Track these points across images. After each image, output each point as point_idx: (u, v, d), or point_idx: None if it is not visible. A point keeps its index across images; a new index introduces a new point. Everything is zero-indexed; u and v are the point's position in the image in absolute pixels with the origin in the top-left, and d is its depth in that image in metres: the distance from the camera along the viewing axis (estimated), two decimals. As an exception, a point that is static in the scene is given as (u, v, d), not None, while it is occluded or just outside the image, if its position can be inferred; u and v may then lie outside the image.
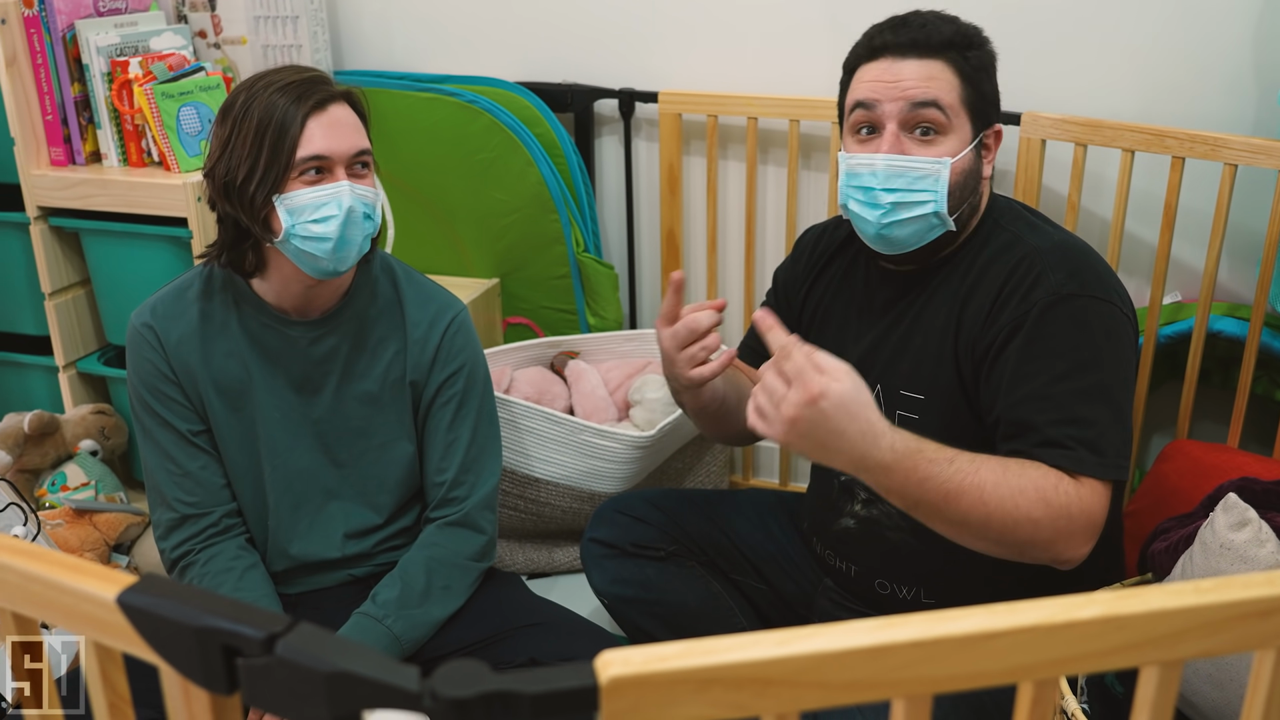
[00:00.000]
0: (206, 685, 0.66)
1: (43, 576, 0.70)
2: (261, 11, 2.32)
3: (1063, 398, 1.31)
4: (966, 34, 1.43)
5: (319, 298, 1.57)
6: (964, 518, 1.24)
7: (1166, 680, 0.67)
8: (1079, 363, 1.32)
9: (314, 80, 1.47)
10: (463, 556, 1.61)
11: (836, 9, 2.19)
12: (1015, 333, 1.36)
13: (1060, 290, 1.35)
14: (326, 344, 1.58)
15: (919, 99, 1.38)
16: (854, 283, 1.58)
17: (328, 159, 1.45)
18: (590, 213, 2.42)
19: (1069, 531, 1.26)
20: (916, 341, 1.47)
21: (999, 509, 1.23)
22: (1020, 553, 1.27)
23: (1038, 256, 1.39)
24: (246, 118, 1.44)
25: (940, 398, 1.45)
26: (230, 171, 1.45)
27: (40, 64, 2.11)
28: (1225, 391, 2.13)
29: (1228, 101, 2.01)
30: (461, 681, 0.60)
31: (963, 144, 1.40)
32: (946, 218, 1.40)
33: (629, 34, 2.35)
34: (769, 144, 2.32)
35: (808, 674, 0.62)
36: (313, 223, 1.45)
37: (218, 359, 1.56)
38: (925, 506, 1.24)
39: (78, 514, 2.11)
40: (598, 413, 2.23)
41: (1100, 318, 1.35)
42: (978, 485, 1.22)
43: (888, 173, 1.39)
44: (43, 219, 2.20)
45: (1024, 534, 1.24)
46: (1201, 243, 2.00)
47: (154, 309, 1.58)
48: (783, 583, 1.70)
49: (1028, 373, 1.34)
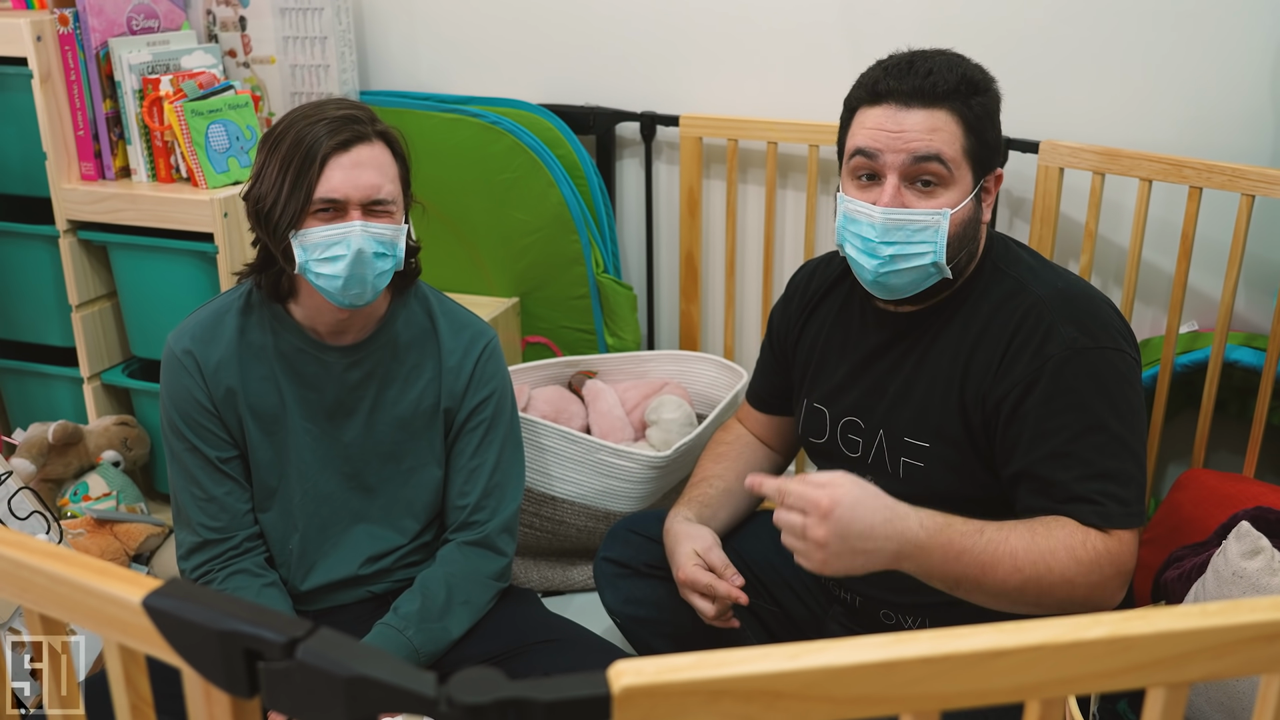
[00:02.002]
0: (228, 688, 0.68)
1: (70, 579, 0.72)
2: (291, 32, 2.35)
3: (1087, 454, 1.32)
4: (972, 80, 1.39)
5: (353, 324, 1.58)
6: (1001, 587, 1.27)
7: (1173, 702, 0.68)
8: (1099, 417, 1.33)
9: (348, 120, 1.47)
10: (482, 575, 1.63)
11: (858, 35, 2.21)
12: (1031, 388, 1.36)
13: (1075, 344, 1.35)
14: (361, 370, 1.59)
15: (921, 153, 1.35)
16: (849, 321, 1.57)
17: (341, 201, 1.46)
18: (610, 234, 2.44)
19: (1102, 583, 1.28)
20: (920, 388, 1.46)
21: (1033, 574, 1.26)
22: (1062, 609, 1.29)
23: (1045, 308, 1.39)
24: (279, 147, 1.46)
25: (946, 446, 1.44)
26: (261, 198, 1.48)
27: (74, 80, 2.15)
28: (1241, 421, 2.12)
29: (1246, 132, 2.02)
30: (477, 688, 0.62)
31: (963, 194, 1.39)
32: (944, 267, 1.39)
33: (651, 58, 2.38)
34: (789, 168, 2.34)
35: (818, 688, 0.63)
36: (323, 260, 1.46)
37: (254, 382, 1.58)
38: (966, 582, 1.27)
39: (99, 524, 2.14)
40: (614, 432, 2.24)
41: (1113, 368, 1.35)
42: (1010, 554, 1.26)
43: (886, 226, 1.37)
44: (72, 232, 2.24)
45: (1061, 594, 1.27)
46: (1218, 272, 2.01)
47: (193, 334, 1.58)
48: (793, 605, 1.70)
49: (1049, 429, 1.34)
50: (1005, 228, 2.24)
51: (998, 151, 1.44)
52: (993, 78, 1.43)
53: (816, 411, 1.58)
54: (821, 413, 1.58)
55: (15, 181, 2.28)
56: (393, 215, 1.51)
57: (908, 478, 1.46)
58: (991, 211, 1.46)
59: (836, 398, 1.56)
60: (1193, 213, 1.93)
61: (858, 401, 1.53)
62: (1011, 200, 2.23)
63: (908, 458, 1.47)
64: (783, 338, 1.67)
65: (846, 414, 1.54)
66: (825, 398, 1.57)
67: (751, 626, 1.72)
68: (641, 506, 2.12)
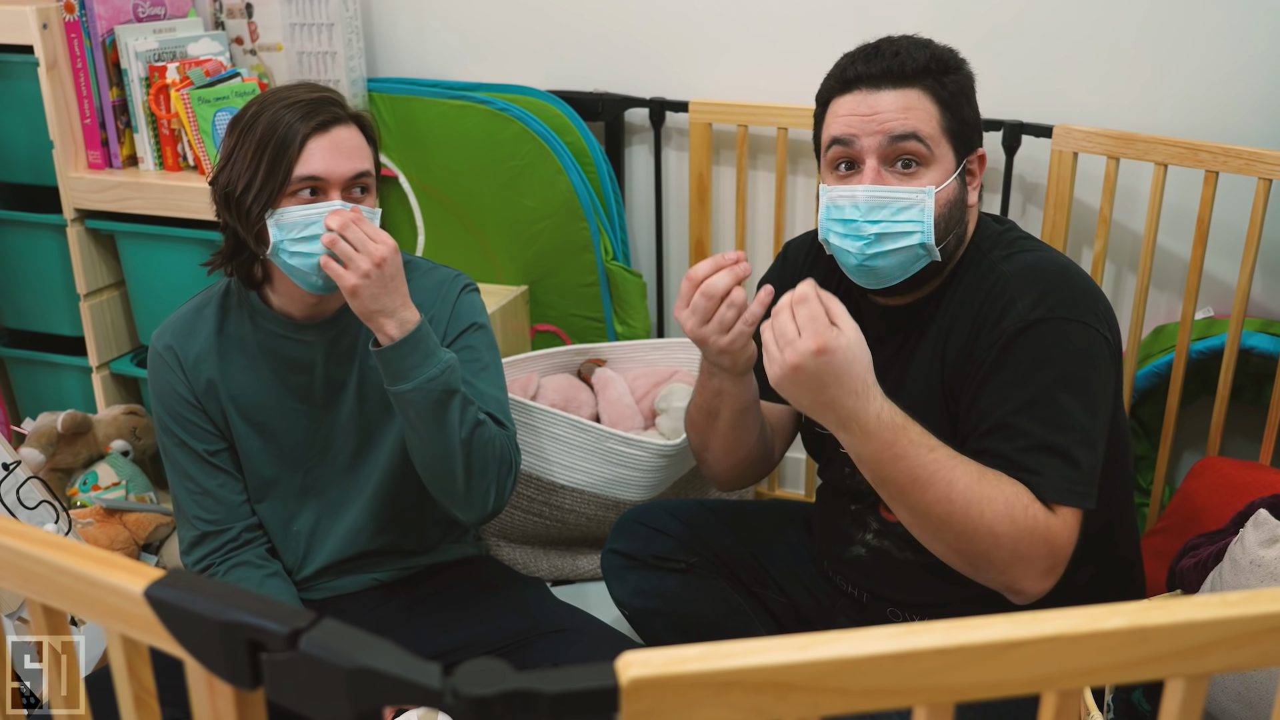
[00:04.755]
0: (231, 679, 0.67)
1: (72, 569, 0.71)
2: (297, 19, 2.34)
3: (1029, 425, 1.27)
4: (942, 59, 1.36)
5: (328, 301, 1.57)
6: (926, 509, 1.23)
7: (1192, 694, 0.66)
8: (1044, 389, 1.28)
9: (323, 101, 1.48)
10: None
11: (867, 19, 2.19)
12: (984, 364, 1.33)
13: (1028, 317, 1.31)
14: (344, 342, 1.59)
15: (897, 131, 1.33)
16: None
17: (323, 180, 1.46)
18: (619, 221, 2.43)
19: (1028, 556, 1.23)
20: (907, 386, 1.43)
21: (962, 511, 1.21)
22: (975, 567, 1.25)
23: (1006, 283, 1.35)
24: (252, 131, 1.46)
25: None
26: (231, 182, 1.47)
27: (80, 68, 2.14)
28: (1257, 408, 2.11)
29: (1263, 116, 2.00)
30: (483, 680, 0.61)
31: (946, 173, 1.36)
32: (933, 248, 1.35)
33: (660, 44, 2.36)
34: (799, 154, 2.32)
35: (829, 679, 0.62)
36: (299, 240, 1.45)
37: (235, 374, 1.58)
38: (891, 486, 1.24)
39: (108, 513, 2.14)
40: (624, 421, 2.23)
41: (1068, 339, 1.30)
42: (948, 480, 1.21)
43: (870, 203, 1.34)
44: (79, 221, 2.23)
45: (982, 545, 1.22)
46: (1235, 258, 1.99)
47: (173, 329, 1.60)
48: (803, 597, 1.69)
49: (996, 401, 1.30)
50: (1018, 214, 2.22)
51: (977, 130, 1.41)
52: (964, 59, 1.40)
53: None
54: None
55: (22, 170, 2.28)
56: (368, 197, 1.52)
57: None
58: (978, 195, 1.42)
59: None
60: (1209, 197, 1.91)
61: None
62: (1025, 186, 2.21)
63: None
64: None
65: None
66: None
67: (760, 617, 1.71)
68: (651, 495, 2.11)
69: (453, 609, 1.66)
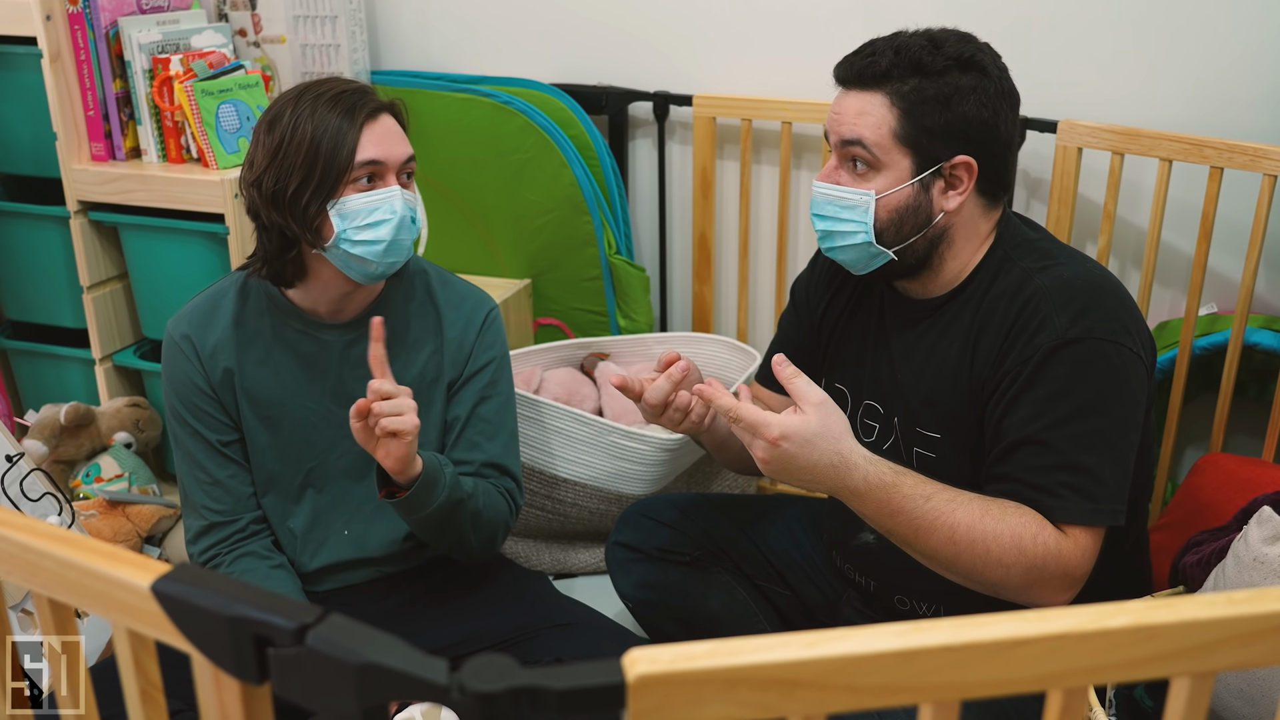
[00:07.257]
0: (238, 674, 0.67)
1: (78, 563, 0.71)
2: (301, 11, 2.34)
3: (1058, 443, 1.29)
4: (916, 62, 1.34)
5: (353, 301, 1.58)
6: (933, 552, 1.27)
7: (1198, 692, 0.67)
8: (1077, 407, 1.29)
9: (363, 90, 1.51)
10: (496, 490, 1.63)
11: (872, 14, 2.19)
12: (1018, 377, 1.33)
13: (1065, 335, 1.31)
14: (361, 346, 1.59)
15: (846, 136, 1.38)
16: (870, 303, 1.55)
17: (382, 164, 1.48)
18: (623, 215, 2.43)
19: (1042, 582, 1.26)
20: (930, 378, 1.44)
21: (968, 551, 1.25)
22: (995, 591, 1.29)
23: (1044, 297, 1.34)
24: (298, 129, 1.45)
25: (958, 436, 1.42)
26: (280, 181, 1.46)
27: (83, 60, 2.14)
28: (1261, 405, 2.10)
29: (1268, 112, 1.99)
30: (490, 676, 0.61)
31: (896, 180, 1.36)
32: (881, 249, 1.39)
33: (664, 37, 2.36)
34: (803, 148, 2.32)
35: (835, 676, 0.62)
36: (365, 227, 1.47)
37: (250, 365, 1.58)
38: (895, 536, 1.29)
39: (111, 505, 2.14)
40: (627, 414, 2.23)
41: (1104, 359, 1.31)
42: (950, 525, 1.25)
43: (819, 200, 1.42)
44: (82, 213, 2.23)
45: (993, 577, 1.26)
46: (1239, 254, 1.98)
47: (190, 318, 1.59)
48: (807, 590, 1.69)
49: (1025, 417, 1.32)
50: (1022, 209, 2.21)
51: (956, 137, 1.36)
52: (961, 64, 1.35)
53: (838, 393, 1.57)
54: (843, 394, 1.56)
55: (25, 162, 2.28)
56: (412, 183, 1.55)
57: (920, 468, 1.44)
58: (963, 200, 1.38)
59: (857, 380, 1.54)
60: (1213, 193, 1.90)
61: (876, 386, 1.51)
62: (1029, 181, 2.21)
63: (920, 448, 1.46)
64: (809, 306, 1.64)
65: (867, 398, 1.53)
66: (846, 379, 1.56)
67: (764, 611, 1.72)
68: (654, 489, 2.11)
69: (456, 603, 1.66)
